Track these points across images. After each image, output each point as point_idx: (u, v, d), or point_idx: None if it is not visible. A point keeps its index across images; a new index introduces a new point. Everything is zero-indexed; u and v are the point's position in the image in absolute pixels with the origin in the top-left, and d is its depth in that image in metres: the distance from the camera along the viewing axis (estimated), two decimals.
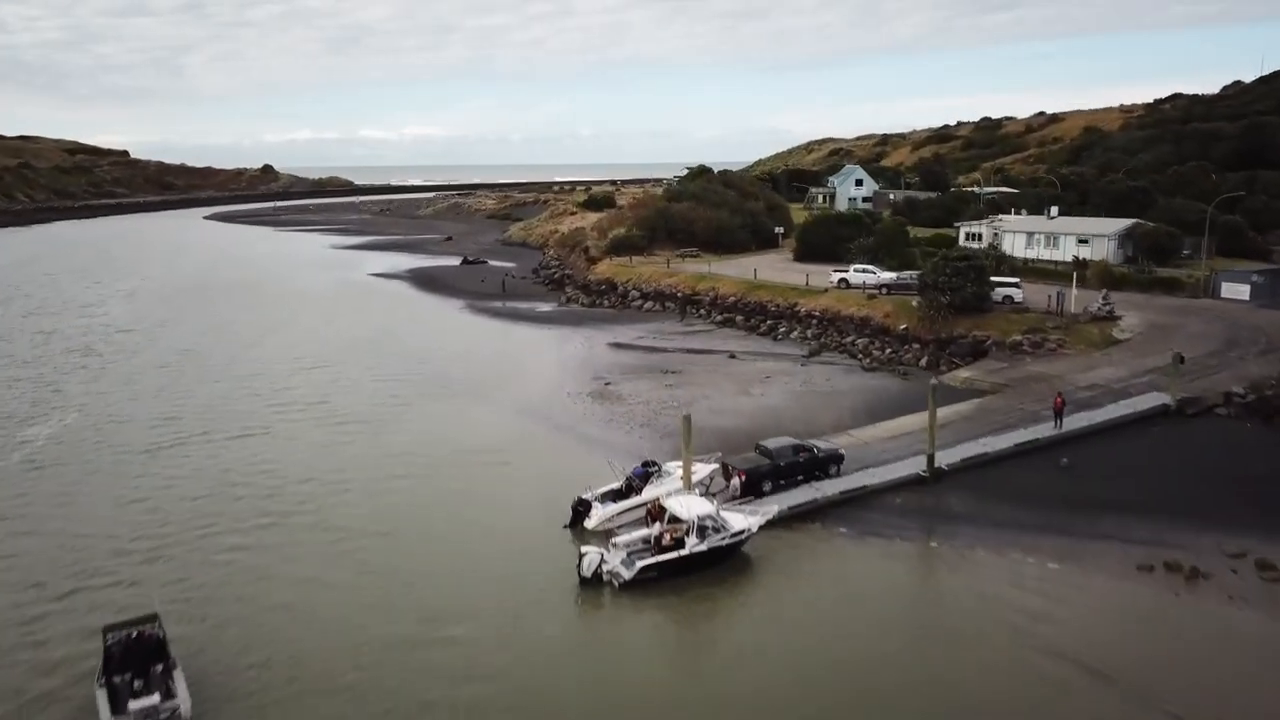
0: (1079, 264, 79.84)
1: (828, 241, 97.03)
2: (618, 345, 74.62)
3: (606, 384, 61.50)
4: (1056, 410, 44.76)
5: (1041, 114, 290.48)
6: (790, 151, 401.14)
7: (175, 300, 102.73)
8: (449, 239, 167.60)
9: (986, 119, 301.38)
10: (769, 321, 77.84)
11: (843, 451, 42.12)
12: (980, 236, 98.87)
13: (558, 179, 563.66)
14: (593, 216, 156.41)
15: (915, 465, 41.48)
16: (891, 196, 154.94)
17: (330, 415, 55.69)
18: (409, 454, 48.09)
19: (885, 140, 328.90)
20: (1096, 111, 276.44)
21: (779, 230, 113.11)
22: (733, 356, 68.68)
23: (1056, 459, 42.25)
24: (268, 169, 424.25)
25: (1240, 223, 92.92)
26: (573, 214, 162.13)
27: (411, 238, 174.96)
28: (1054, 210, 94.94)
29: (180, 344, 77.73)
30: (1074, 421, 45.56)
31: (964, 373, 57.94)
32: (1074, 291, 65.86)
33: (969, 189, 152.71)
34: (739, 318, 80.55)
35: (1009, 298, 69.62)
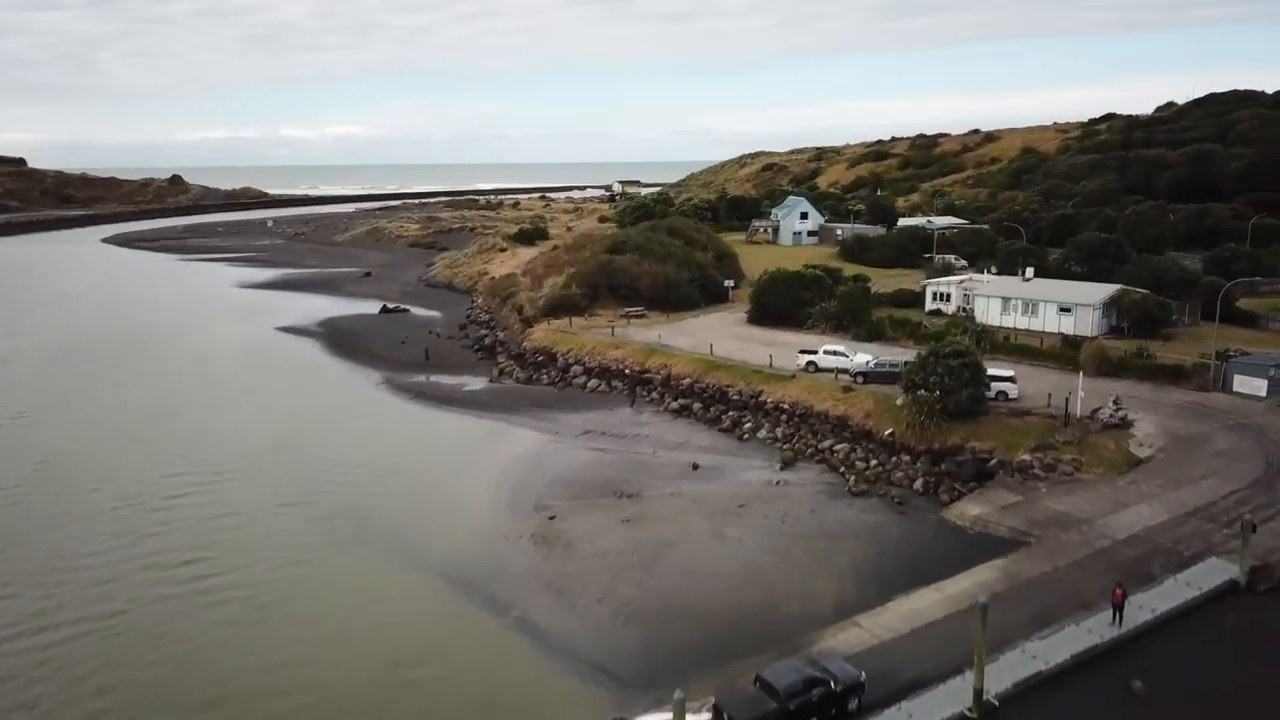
0: (1070, 343, 72.47)
1: (786, 304, 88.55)
2: (561, 444, 64.75)
3: (550, 517, 51.60)
4: (1116, 604, 36.36)
5: (976, 131, 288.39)
6: (723, 165, 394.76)
7: (49, 372, 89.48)
8: (368, 274, 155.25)
9: (922, 136, 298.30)
10: (731, 413, 68.65)
11: (863, 678, 32.99)
12: (948, 297, 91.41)
13: (483, 186, 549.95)
14: (525, 254, 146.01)
15: (955, 695, 32.56)
16: (839, 233, 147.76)
17: (203, 583, 44.67)
18: (303, 665, 37.55)
19: (820, 155, 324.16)
20: (1033, 130, 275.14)
21: (729, 284, 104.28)
22: (696, 467, 59.35)
23: (1126, 678, 33.76)
24: (176, 179, 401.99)
25: (1226, 286, 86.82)
26: (503, 250, 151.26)
27: (328, 272, 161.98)
28: (1029, 271, 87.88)
29: (38, 452, 65.34)
30: (1131, 607, 37.23)
31: (972, 507, 49.51)
32: (1080, 393, 58.10)
33: (920, 224, 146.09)
34: (696, 405, 71.24)
35: (1003, 393, 61.70)
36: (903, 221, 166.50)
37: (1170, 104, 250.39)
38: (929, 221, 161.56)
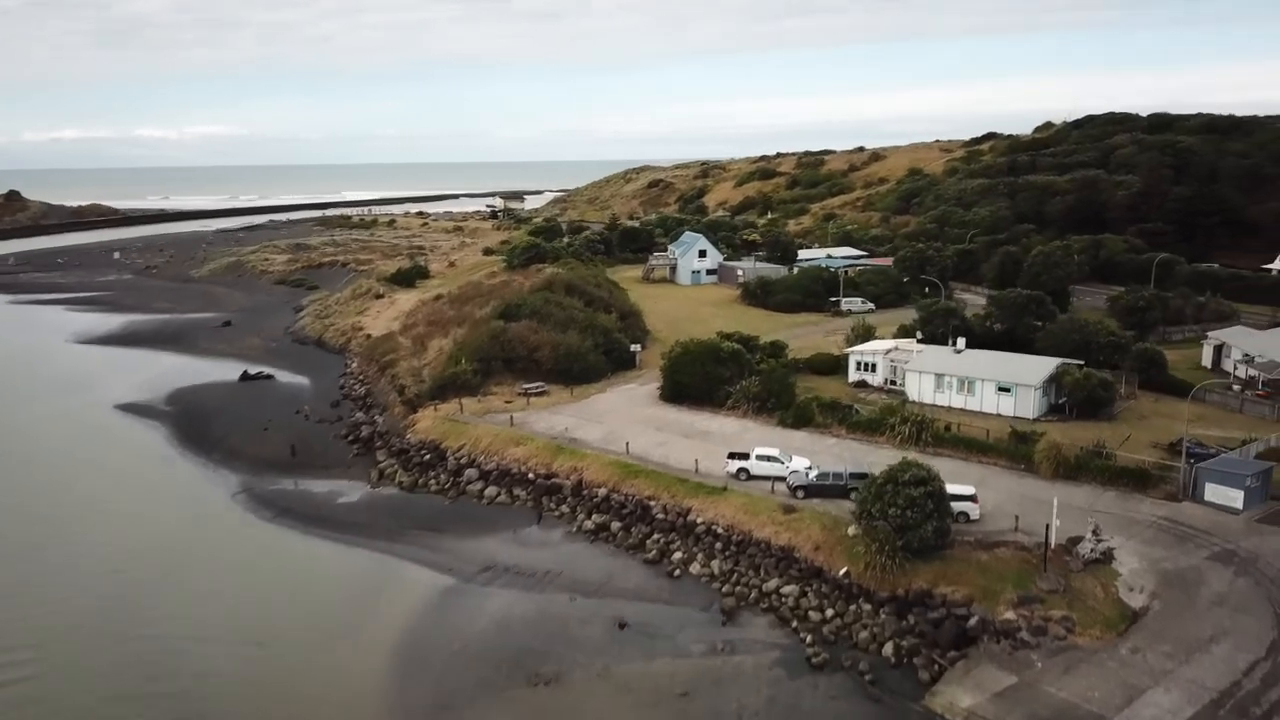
0: (1019, 436, 66.13)
1: (701, 382, 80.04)
2: (459, 591, 54.33)
3: None
4: None
5: (862, 149, 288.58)
6: (608, 180, 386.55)
7: None
8: (228, 323, 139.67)
9: (809, 153, 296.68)
10: (657, 536, 59.47)
11: None
12: (873, 367, 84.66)
13: (356, 195, 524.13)
14: (404, 301, 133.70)
15: None
16: (740, 273, 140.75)
17: None
18: None
19: (706, 172, 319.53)
20: (918, 148, 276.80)
21: (636, 349, 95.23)
22: (623, 626, 49.93)
23: None
24: (13, 196, 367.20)
25: (1160, 353, 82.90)
26: (379, 296, 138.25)
27: (182, 319, 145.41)
28: (961, 343, 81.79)
29: None
30: None
31: (961, 695, 41.66)
32: (1055, 520, 51.25)
33: (822, 262, 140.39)
34: (615, 524, 61.74)
35: (964, 514, 54.56)
36: (803, 255, 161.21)
37: (1049, 124, 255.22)
38: (829, 256, 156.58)
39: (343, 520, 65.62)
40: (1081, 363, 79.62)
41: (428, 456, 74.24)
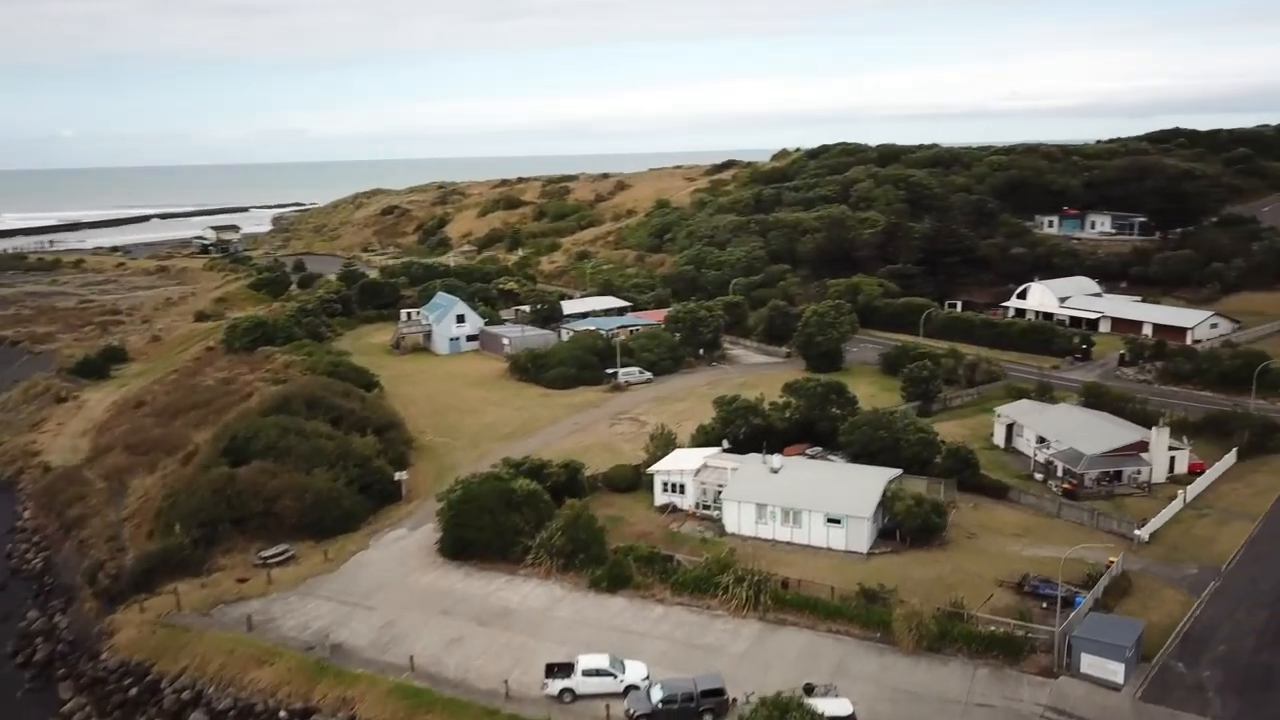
0: (868, 595, 58.17)
1: (490, 535, 66.53)
2: None
3: None
4: None
5: (606, 176, 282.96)
6: (336, 205, 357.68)
7: None
8: None
9: (553, 182, 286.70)
10: None
11: None
12: (682, 488, 74.86)
13: (36, 220, 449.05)
14: (94, 402, 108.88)
15: None
16: (506, 342, 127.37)
17: None
18: None
19: (445, 198, 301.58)
20: (661, 175, 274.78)
21: (402, 477, 79.77)
22: None
23: None
24: None
25: (971, 454, 78.87)
26: (61, 399, 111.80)
27: None
28: (775, 460, 73.43)
29: None
30: None
31: None
32: None
33: (596, 329, 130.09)
34: None
35: None
36: (568, 307, 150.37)
37: (784, 151, 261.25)
38: (592, 313, 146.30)
39: None
40: (901, 471, 74.08)
41: (134, 690, 55.39)
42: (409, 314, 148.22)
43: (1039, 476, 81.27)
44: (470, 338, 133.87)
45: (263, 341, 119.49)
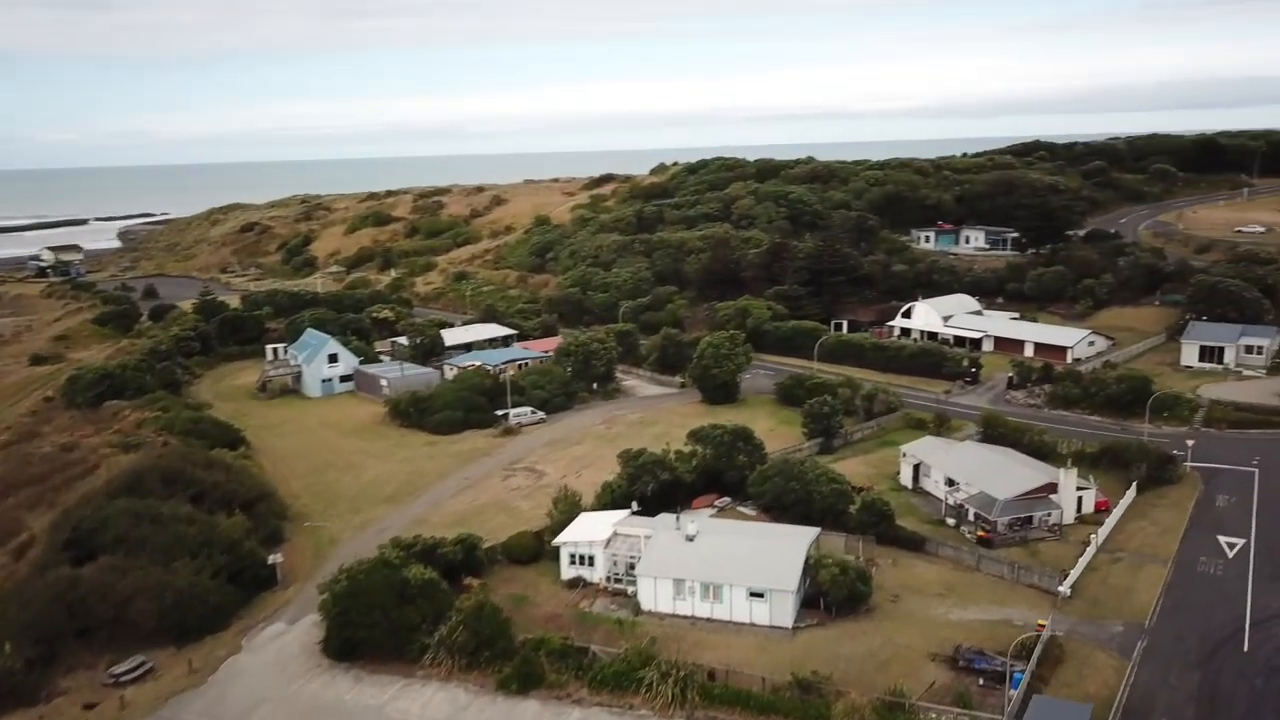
0: (803, 687, 54.15)
1: (382, 633, 59.68)
2: None
3: None
4: None
5: (481, 190, 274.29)
6: (190, 222, 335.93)
7: None
8: None
9: (424, 195, 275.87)
10: None
11: None
12: (591, 560, 69.46)
13: None
14: None
15: None
16: (384, 384, 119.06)
17: None
18: None
19: (310, 214, 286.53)
20: (539, 188, 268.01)
21: (276, 560, 71.53)
22: None
23: None
24: None
25: (886, 505, 76.16)
26: None
27: None
28: (691, 527, 68.66)
29: None
30: None
31: None
32: None
33: (482, 365, 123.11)
34: None
35: None
36: (449, 338, 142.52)
37: (662, 165, 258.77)
38: (472, 348, 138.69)
39: None
40: (819, 530, 70.86)
41: None
42: (275, 351, 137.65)
43: (951, 522, 79.64)
44: (344, 378, 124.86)
45: (110, 395, 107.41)
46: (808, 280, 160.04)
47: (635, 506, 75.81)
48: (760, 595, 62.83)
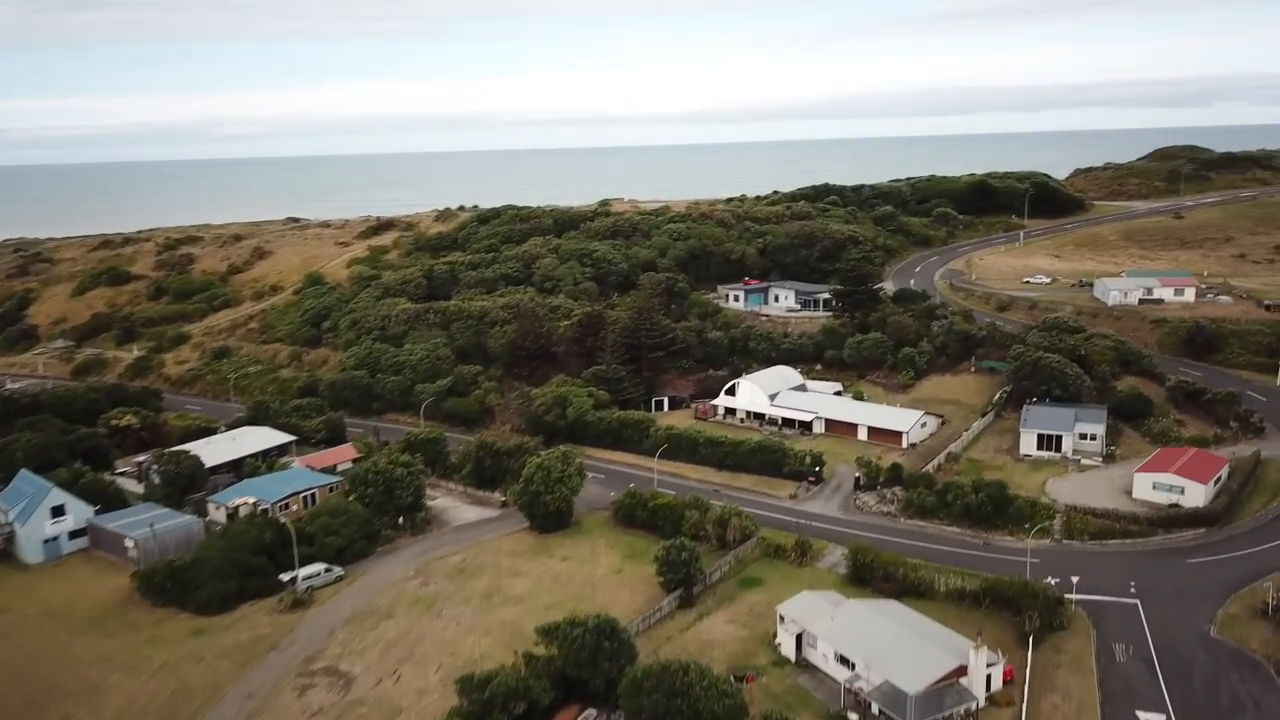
0: None
1: None
2: None
3: None
4: None
5: (238, 238, 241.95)
6: None
7: None
8: None
9: (170, 246, 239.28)
10: None
11: None
12: None
13: None
14: None
15: None
16: (130, 545, 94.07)
17: None
18: None
19: (26, 267, 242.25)
20: (306, 236, 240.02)
21: None
22: None
23: None
24: None
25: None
26: None
27: None
28: None
29: None
30: None
31: None
32: None
33: (259, 505, 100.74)
34: None
35: None
36: (207, 455, 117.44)
37: (448, 211, 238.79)
38: (239, 484, 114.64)
39: None
40: None
41: None
42: None
43: (853, 718, 68.49)
44: (75, 533, 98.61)
45: None
46: (626, 356, 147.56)
47: None
48: None
